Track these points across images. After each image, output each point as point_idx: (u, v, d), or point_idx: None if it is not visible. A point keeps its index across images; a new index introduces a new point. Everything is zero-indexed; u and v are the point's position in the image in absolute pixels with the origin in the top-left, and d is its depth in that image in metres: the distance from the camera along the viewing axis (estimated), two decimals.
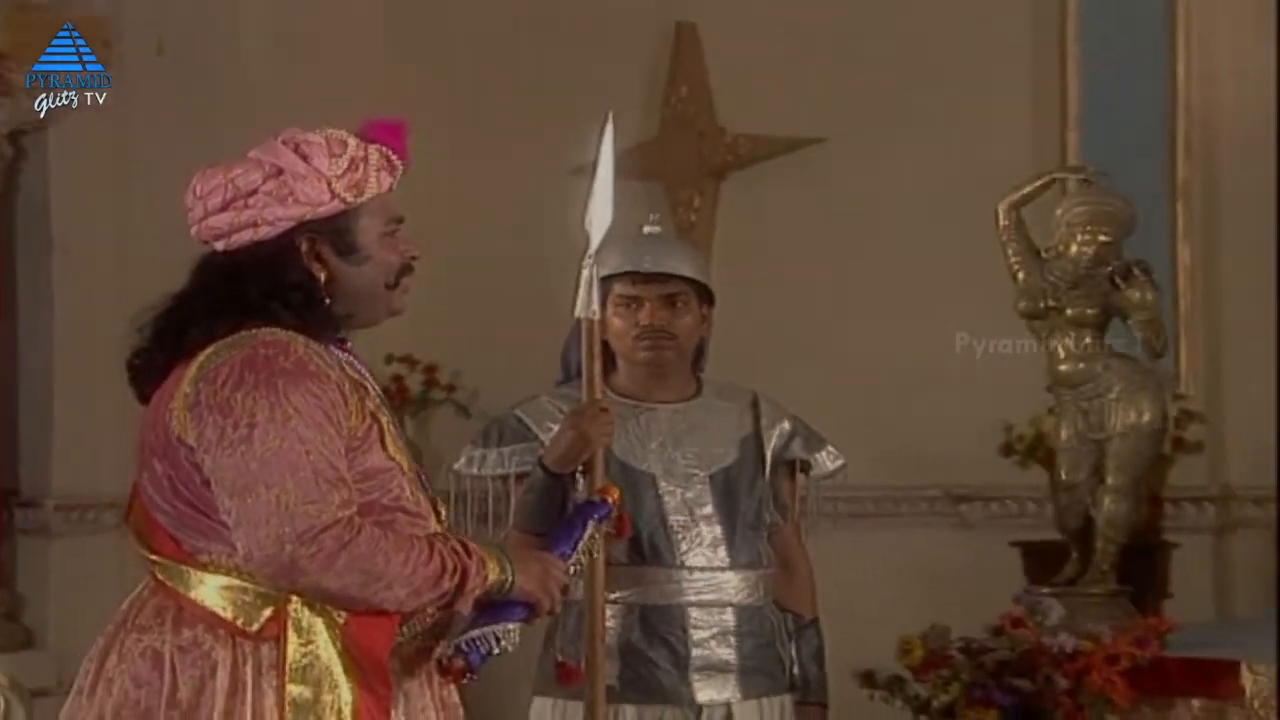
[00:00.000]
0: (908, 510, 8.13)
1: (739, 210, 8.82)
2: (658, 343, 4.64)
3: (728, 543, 4.64)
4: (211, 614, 3.28)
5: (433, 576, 3.27)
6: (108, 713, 3.29)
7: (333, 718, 3.27)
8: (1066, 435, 6.42)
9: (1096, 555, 6.28)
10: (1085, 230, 6.40)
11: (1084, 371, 6.36)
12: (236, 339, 3.28)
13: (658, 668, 4.58)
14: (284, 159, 3.35)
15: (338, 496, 3.21)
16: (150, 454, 3.35)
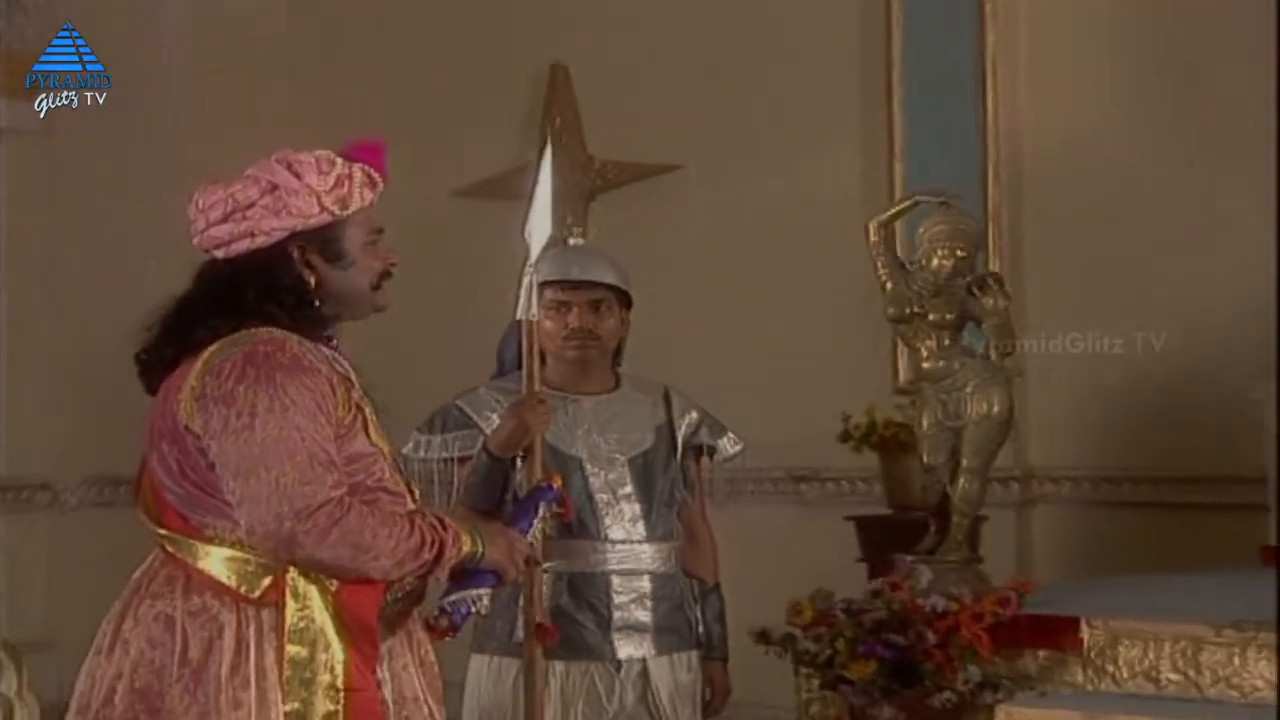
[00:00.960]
0: (754, 489, 8.01)
1: (606, 228, 8.88)
2: (584, 343, 4.70)
3: (645, 518, 4.70)
4: (217, 582, 3.30)
5: (414, 549, 3.32)
6: (126, 670, 3.29)
7: (326, 674, 3.30)
8: (928, 424, 6.43)
9: (953, 528, 6.31)
10: (944, 246, 6.40)
11: (943, 368, 6.36)
12: (237, 337, 3.32)
13: (584, 628, 4.63)
14: (279, 176, 3.38)
15: (330, 478, 3.25)
16: (159, 439, 3.37)
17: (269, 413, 3.22)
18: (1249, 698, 5.13)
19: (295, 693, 3.25)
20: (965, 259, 6.32)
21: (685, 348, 8.13)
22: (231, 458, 3.22)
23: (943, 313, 6.30)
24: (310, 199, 3.35)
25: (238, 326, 3.32)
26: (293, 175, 3.36)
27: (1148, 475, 7.89)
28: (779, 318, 8.39)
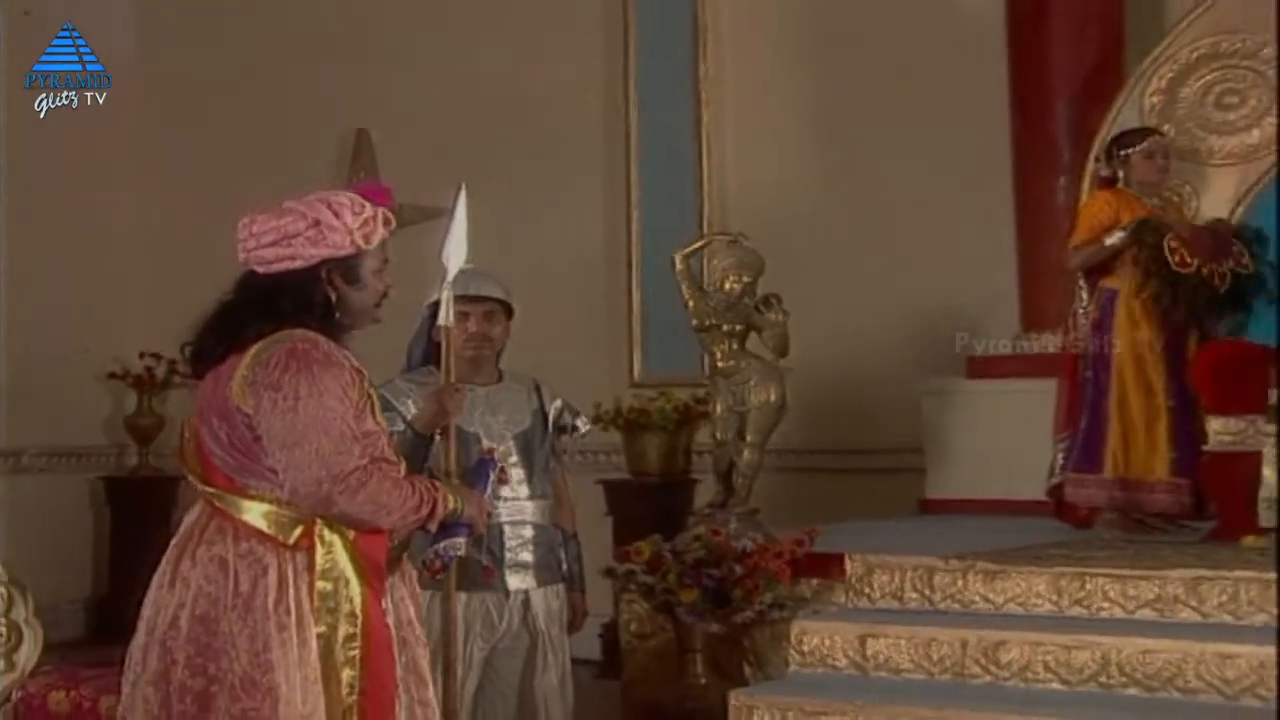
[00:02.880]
0: None
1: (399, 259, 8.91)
2: (479, 345, 4.74)
3: (528, 481, 4.76)
4: (260, 531, 3.30)
5: (415, 506, 3.37)
6: (188, 600, 3.28)
7: (347, 604, 3.32)
8: (721, 409, 6.52)
9: (738, 488, 6.44)
10: (734, 273, 6.50)
11: (733, 367, 6.47)
12: (279, 336, 3.32)
13: (483, 567, 4.63)
14: (321, 214, 3.39)
15: (357, 449, 3.28)
16: (210, 415, 3.35)
17: (309, 397, 3.25)
18: (969, 609, 5.36)
19: (324, 618, 3.29)
20: (750, 283, 6.47)
21: None
22: (278, 432, 3.25)
23: (733, 324, 6.47)
24: (345, 235, 3.38)
25: (278, 328, 3.33)
26: (332, 214, 3.39)
27: (829, 449, 8.14)
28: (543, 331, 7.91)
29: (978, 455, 7.51)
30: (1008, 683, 4.99)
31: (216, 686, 3.23)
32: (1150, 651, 4.81)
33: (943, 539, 6.01)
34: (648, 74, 8.77)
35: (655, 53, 8.80)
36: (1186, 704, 4.72)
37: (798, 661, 5.34)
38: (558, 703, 4.88)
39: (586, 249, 8.83)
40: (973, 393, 7.69)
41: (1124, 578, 5.17)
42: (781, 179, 8.66)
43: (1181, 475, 6.25)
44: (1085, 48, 7.60)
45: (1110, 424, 6.32)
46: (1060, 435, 6.53)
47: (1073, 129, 7.52)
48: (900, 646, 5.20)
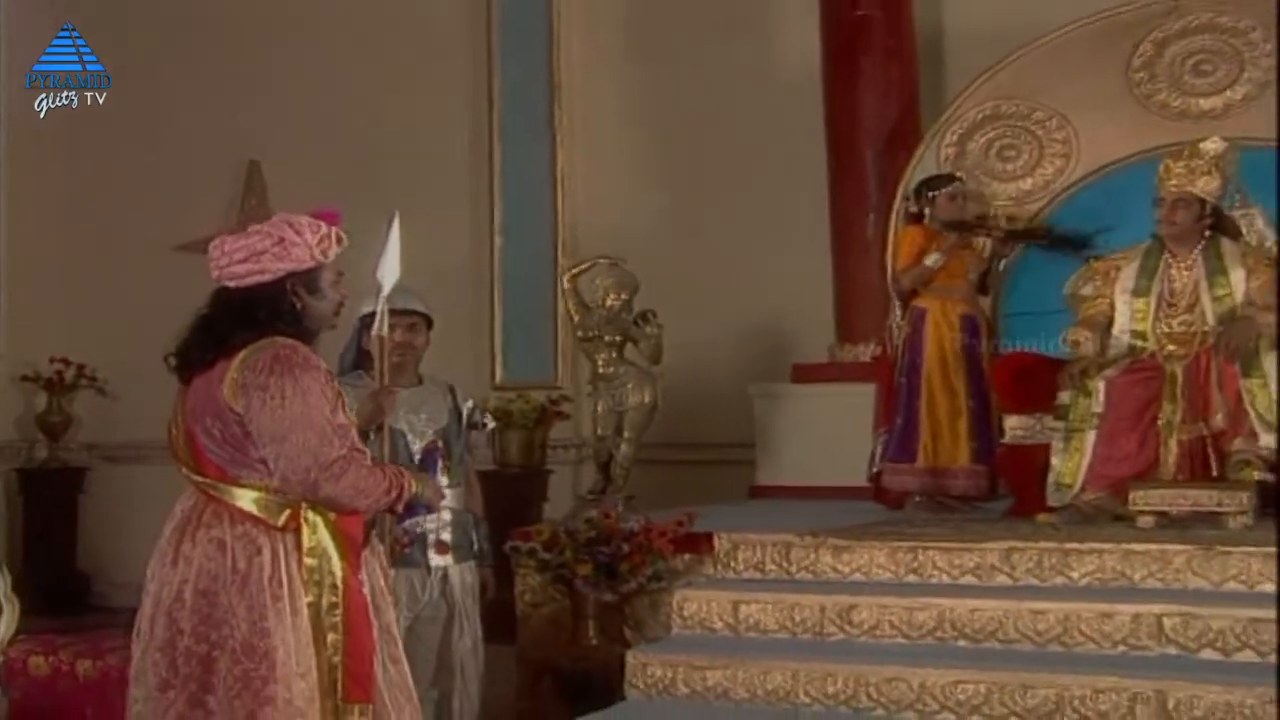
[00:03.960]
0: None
1: None
2: (404, 353, 4.83)
3: (447, 471, 4.85)
4: (252, 515, 3.33)
5: (386, 490, 3.41)
6: (191, 577, 3.31)
7: (330, 577, 3.37)
8: (602, 409, 6.75)
9: (615, 477, 6.73)
10: (614, 291, 6.75)
11: (613, 373, 6.71)
12: (263, 344, 3.33)
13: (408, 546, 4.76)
14: (285, 232, 3.40)
15: (338, 441, 3.31)
16: (204, 414, 3.34)
17: (294, 396, 3.28)
18: (821, 578, 5.51)
19: (311, 590, 3.35)
20: (628, 300, 6.77)
21: None
22: (268, 428, 3.28)
23: (613, 335, 6.73)
24: (305, 250, 3.40)
25: (260, 336, 3.35)
26: (294, 232, 3.41)
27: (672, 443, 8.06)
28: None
29: (801, 448, 7.80)
30: (859, 639, 5.20)
31: (218, 651, 3.28)
32: (976, 610, 5.10)
33: (790, 519, 6.20)
34: (510, 118, 8.95)
35: (516, 99, 8.96)
36: (1006, 652, 5.00)
37: (679, 625, 5.47)
38: (472, 663, 5.04)
39: (455, 269, 8.91)
40: (796, 395, 7.97)
41: (950, 549, 5.44)
42: (626, 211, 8.89)
43: (979, 463, 6.63)
44: (888, 107, 8.01)
45: (921, 421, 6.63)
46: (879, 431, 6.80)
47: (880, 174, 7.90)
48: (768, 610, 5.36)
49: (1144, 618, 4.96)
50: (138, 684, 3.42)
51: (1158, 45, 7.17)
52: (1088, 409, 5.97)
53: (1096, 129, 7.19)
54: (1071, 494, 5.95)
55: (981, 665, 4.89)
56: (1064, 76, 7.25)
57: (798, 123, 8.31)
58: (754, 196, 8.54)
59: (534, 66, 9.04)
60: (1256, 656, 4.81)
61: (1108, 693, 4.71)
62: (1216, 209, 6.21)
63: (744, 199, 8.56)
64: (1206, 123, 6.95)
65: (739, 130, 8.64)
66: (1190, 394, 5.89)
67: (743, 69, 8.73)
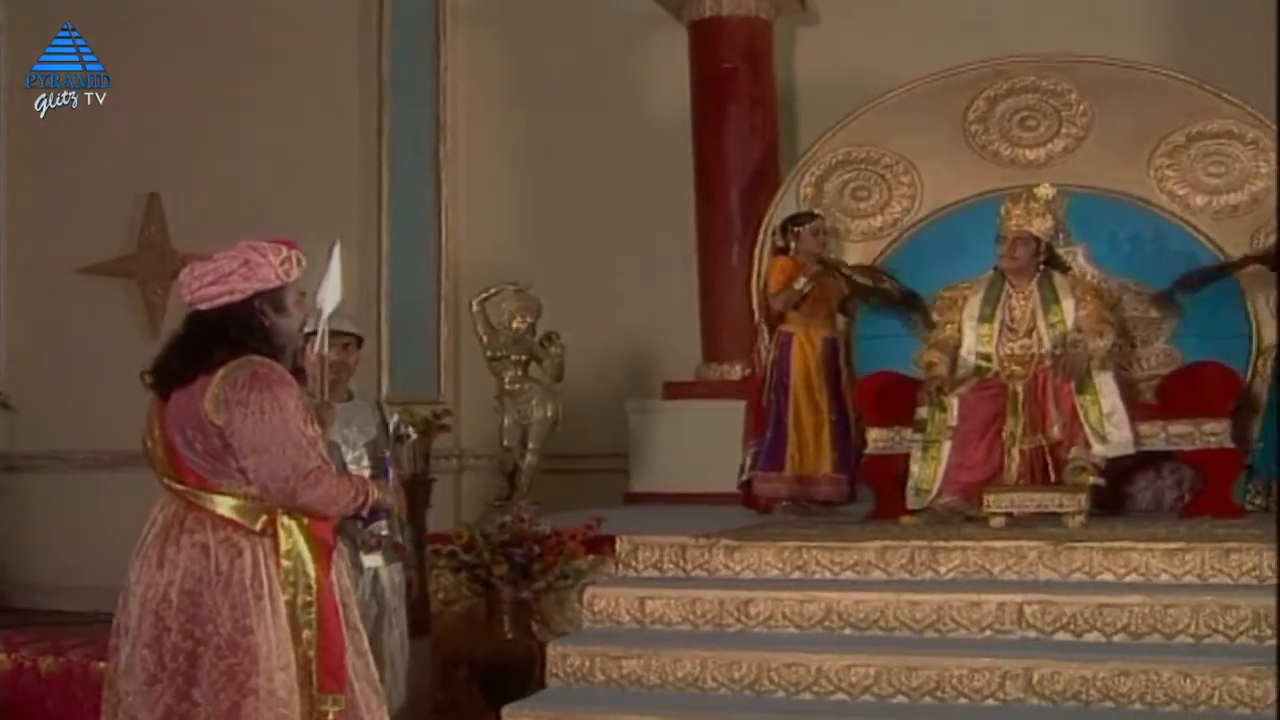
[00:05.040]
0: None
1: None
2: (338, 371, 4.75)
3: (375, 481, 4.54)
4: (232, 521, 3.32)
5: (353, 497, 3.44)
6: (176, 579, 3.30)
7: (304, 579, 3.38)
8: (509, 422, 6.86)
9: (520, 485, 6.88)
10: (520, 314, 6.87)
11: (519, 389, 6.86)
12: (241, 361, 3.32)
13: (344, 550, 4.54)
14: (250, 255, 3.39)
15: (313, 452, 3.32)
16: (184, 426, 3.33)
17: (272, 410, 3.28)
18: (714, 575, 5.66)
19: (288, 589, 3.36)
20: (533, 322, 6.86)
21: None
22: (249, 440, 3.27)
23: (520, 355, 6.86)
24: (270, 270, 3.39)
25: (237, 354, 3.33)
26: (259, 255, 3.40)
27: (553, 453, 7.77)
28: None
29: (671, 458, 7.92)
30: (756, 630, 5.36)
31: (203, 647, 3.28)
32: (860, 601, 5.31)
33: (674, 522, 6.28)
34: (398, 154, 8.93)
35: (404, 137, 8.94)
36: (886, 638, 5.23)
37: (590, 619, 5.56)
38: (400, 657, 5.05)
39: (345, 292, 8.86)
40: (667, 409, 8.10)
41: (831, 549, 5.63)
42: (506, 242, 8.96)
43: (840, 471, 6.84)
44: (751, 150, 8.20)
45: (789, 434, 6.80)
46: (749, 443, 6.93)
47: (744, 210, 8.09)
48: (671, 605, 5.49)
49: (1007, 606, 5.24)
50: (127, 678, 3.40)
51: (990, 101, 7.49)
52: (944, 422, 6.25)
53: (938, 173, 7.46)
54: (929, 498, 6.21)
55: (871, 650, 5.10)
56: (909, 127, 7.52)
57: (668, 162, 8.45)
58: (627, 229, 8.67)
59: (422, 107, 9.03)
60: (1103, 637, 5.13)
61: (981, 671, 4.97)
62: (1049, 246, 6.56)
63: (617, 231, 8.68)
64: (1033, 170, 7.29)
65: (613, 168, 8.77)
66: (1030, 409, 6.21)
67: (617, 113, 8.86)
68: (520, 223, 9.05)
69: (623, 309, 8.48)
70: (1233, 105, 7.12)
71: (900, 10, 8.33)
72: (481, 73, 9.19)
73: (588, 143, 8.92)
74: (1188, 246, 7.09)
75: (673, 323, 8.35)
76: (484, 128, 9.15)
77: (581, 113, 8.95)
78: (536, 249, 8.80)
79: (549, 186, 9.04)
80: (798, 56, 8.75)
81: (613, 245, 8.70)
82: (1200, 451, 6.29)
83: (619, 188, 8.74)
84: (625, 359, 8.43)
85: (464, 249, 9.14)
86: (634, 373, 8.44)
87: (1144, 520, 6.27)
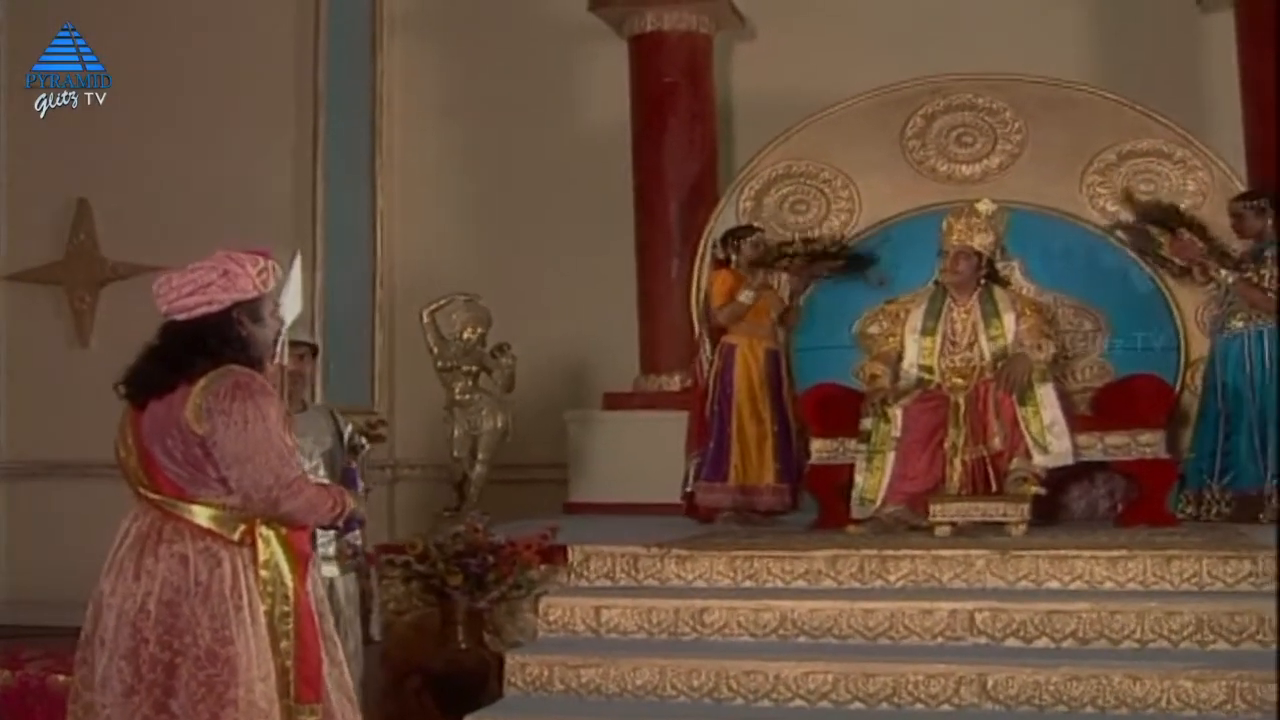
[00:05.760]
0: None
1: (113, 307, 8.74)
2: (294, 380, 4.83)
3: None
4: (211, 531, 3.30)
5: (331, 506, 3.44)
6: (155, 589, 3.27)
7: (283, 588, 3.38)
8: (459, 433, 6.80)
9: (469, 496, 6.85)
10: (471, 325, 6.87)
11: (469, 400, 6.82)
12: (222, 371, 3.31)
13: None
14: (229, 265, 3.39)
15: (294, 461, 3.33)
16: (164, 435, 3.31)
17: (255, 420, 3.27)
18: (666, 584, 5.73)
19: (267, 599, 3.36)
20: (484, 333, 6.87)
21: None
22: (231, 449, 3.27)
23: (471, 366, 6.85)
24: (249, 280, 3.39)
25: (218, 364, 3.32)
26: (237, 265, 3.39)
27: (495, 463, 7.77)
28: None
29: (610, 468, 7.92)
30: (711, 638, 5.43)
31: (181, 658, 3.26)
32: (815, 609, 5.40)
33: (620, 532, 6.33)
34: (334, 163, 8.73)
35: (340, 146, 8.79)
36: (840, 645, 5.32)
37: (545, 629, 5.60)
38: (356, 665, 5.04)
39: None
40: (606, 420, 8.12)
41: (782, 558, 5.71)
42: (442, 252, 8.92)
43: (782, 481, 6.90)
44: (691, 164, 8.26)
45: (732, 445, 6.85)
46: (692, 454, 6.98)
47: (683, 223, 8.15)
48: (627, 614, 5.56)
49: (959, 613, 5.36)
50: (104, 691, 3.35)
51: (927, 118, 7.66)
52: (888, 433, 6.37)
53: (876, 188, 7.62)
54: (874, 507, 6.33)
55: (828, 657, 5.19)
56: (848, 142, 7.67)
57: (606, 174, 8.48)
58: (565, 240, 8.69)
59: (357, 117, 8.94)
60: (1053, 643, 5.26)
61: (937, 677, 5.08)
62: (990, 261, 6.72)
63: (555, 242, 8.71)
64: (968, 186, 7.48)
65: (551, 180, 8.78)
66: (971, 420, 6.35)
67: (555, 125, 8.87)
68: (457, 233, 9.02)
69: (560, 320, 8.48)
70: (1162, 125, 7.35)
71: (836, 27, 8.46)
72: (418, 83, 9.16)
73: (525, 154, 8.93)
74: (1118, 262, 7.30)
75: (610, 334, 8.37)
76: (421, 138, 9.11)
77: (519, 124, 8.95)
78: (473, 259, 8.76)
79: (486, 197, 9.03)
80: (734, 71, 8.83)
81: (550, 256, 8.72)
82: (1136, 462, 6.47)
83: (557, 199, 8.76)
84: (562, 370, 8.43)
85: (399, 259, 9.08)
86: (571, 384, 8.45)
87: (1080, 529, 6.43)
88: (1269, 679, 4.79)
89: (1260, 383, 6.48)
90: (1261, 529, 6.12)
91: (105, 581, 3.38)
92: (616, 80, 8.50)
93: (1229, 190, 7.13)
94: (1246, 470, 6.45)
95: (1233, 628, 5.12)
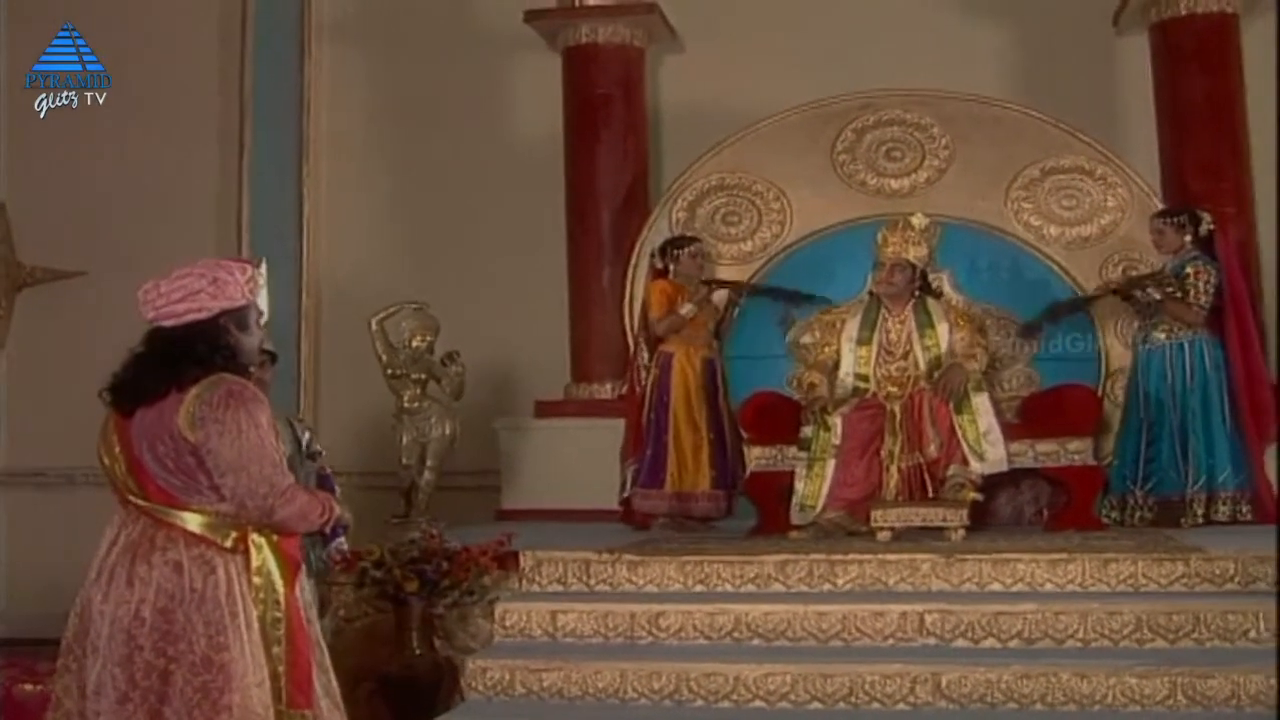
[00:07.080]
0: None
1: (30, 313, 8.71)
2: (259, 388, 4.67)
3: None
4: (203, 538, 3.32)
5: (320, 514, 3.48)
6: (149, 597, 3.29)
7: (275, 595, 3.41)
8: (407, 440, 6.80)
9: (419, 502, 6.92)
10: (419, 333, 6.97)
11: (418, 407, 6.86)
12: (215, 379, 3.34)
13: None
14: (218, 273, 3.43)
15: (285, 469, 3.37)
16: (155, 442, 3.33)
17: (248, 428, 3.30)
18: (618, 589, 5.81)
19: (259, 606, 3.39)
20: (432, 341, 6.89)
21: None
22: (224, 457, 3.29)
23: (420, 374, 6.87)
24: (237, 288, 3.44)
25: (208, 372, 3.35)
26: (226, 272, 3.44)
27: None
28: None
29: (542, 476, 7.96)
30: (667, 641, 5.53)
31: (175, 665, 3.28)
32: (769, 613, 5.52)
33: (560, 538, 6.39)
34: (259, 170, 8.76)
35: (266, 153, 8.80)
36: (793, 649, 5.45)
37: (502, 634, 5.66)
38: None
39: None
40: (538, 428, 8.15)
41: (732, 562, 5.83)
42: (370, 259, 8.92)
43: (718, 488, 7.04)
44: (623, 175, 8.35)
45: (669, 452, 6.98)
46: (629, 461, 7.08)
47: (615, 233, 8.23)
48: (584, 619, 5.63)
49: (909, 615, 5.52)
50: (97, 698, 3.36)
51: (857, 133, 7.87)
52: (828, 441, 6.53)
53: (807, 200, 7.81)
54: (814, 514, 6.48)
55: (787, 659, 5.31)
56: (780, 155, 7.84)
57: (537, 183, 8.54)
58: (494, 248, 8.70)
59: (285, 123, 8.91)
60: (999, 643, 5.44)
61: (893, 677, 5.23)
62: (924, 273, 6.93)
63: (484, 251, 8.72)
64: (897, 200, 7.69)
65: (480, 188, 8.80)
66: (908, 428, 6.54)
67: (485, 133, 8.89)
68: (384, 241, 9.01)
69: (490, 328, 8.47)
70: (1084, 143, 7.63)
71: (765, 40, 8.61)
72: (346, 89, 9.14)
73: (455, 163, 8.94)
74: (1042, 275, 7.57)
75: (541, 343, 8.41)
76: (349, 146, 9.09)
77: (448, 132, 8.96)
78: (402, 268, 8.76)
79: (416, 206, 9.03)
80: (663, 83, 8.94)
81: (480, 265, 8.73)
82: (1065, 469, 6.70)
83: (486, 207, 8.79)
84: (492, 377, 8.41)
85: (325, 267, 9.05)
86: (502, 391, 8.46)
87: (1011, 533, 6.63)
88: (1208, 674, 5.02)
89: (1181, 392, 6.74)
90: (1185, 532, 6.38)
91: (94, 589, 3.38)
92: (548, 91, 8.56)
93: (1147, 206, 7.43)
94: (1168, 476, 6.71)
95: (1170, 626, 5.34)
